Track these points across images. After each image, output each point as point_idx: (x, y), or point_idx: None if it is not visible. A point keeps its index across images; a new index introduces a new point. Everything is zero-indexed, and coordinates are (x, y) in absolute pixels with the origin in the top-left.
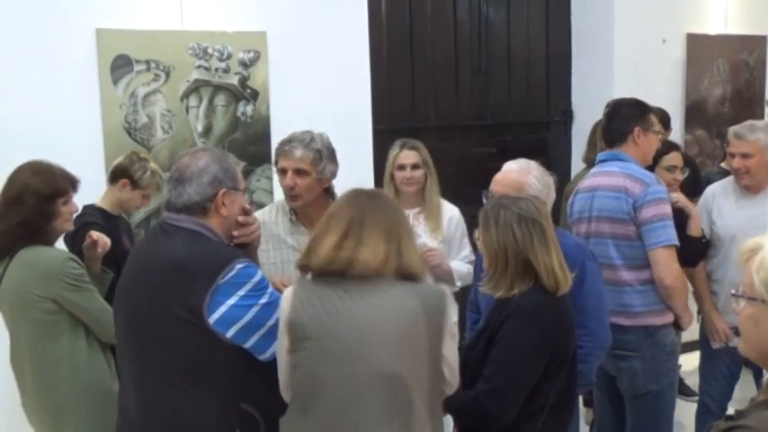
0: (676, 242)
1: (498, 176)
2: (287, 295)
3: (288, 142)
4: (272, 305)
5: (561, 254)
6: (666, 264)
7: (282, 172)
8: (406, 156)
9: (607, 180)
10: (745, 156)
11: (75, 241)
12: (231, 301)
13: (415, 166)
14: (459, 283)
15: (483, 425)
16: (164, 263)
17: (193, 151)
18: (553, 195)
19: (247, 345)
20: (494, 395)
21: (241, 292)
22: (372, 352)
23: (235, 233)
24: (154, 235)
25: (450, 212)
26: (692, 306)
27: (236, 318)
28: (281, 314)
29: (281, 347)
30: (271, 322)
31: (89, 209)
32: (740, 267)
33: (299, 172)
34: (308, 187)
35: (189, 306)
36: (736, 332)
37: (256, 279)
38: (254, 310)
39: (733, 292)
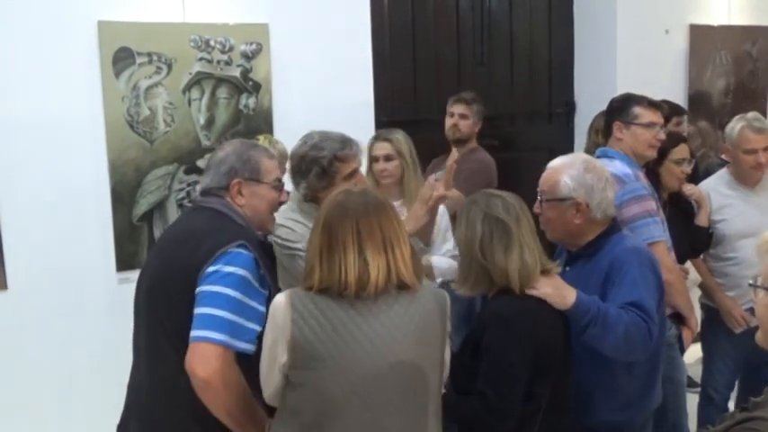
0: (661, 238)
1: (544, 173)
2: (282, 309)
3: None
4: (240, 303)
5: (535, 254)
6: (659, 260)
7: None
8: (379, 147)
9: None
10: None
11: None
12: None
13: (387, 158)
14: (438, 280)
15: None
16: (181, 235)
17: (226, 143)
18: (599, 197)
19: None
20: (492, 410)
21: (226, 269)
22: (392, 352)
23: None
24: (185, 214)
25: None
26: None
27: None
28: (277, 327)
29: (271, 358)
30: (230, 317)
31: None
32: (760, 257)
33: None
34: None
35: (191, 274)
36: (752, 311)
37: (242, 273)
38: (226, 295)
39: (750, 282)
